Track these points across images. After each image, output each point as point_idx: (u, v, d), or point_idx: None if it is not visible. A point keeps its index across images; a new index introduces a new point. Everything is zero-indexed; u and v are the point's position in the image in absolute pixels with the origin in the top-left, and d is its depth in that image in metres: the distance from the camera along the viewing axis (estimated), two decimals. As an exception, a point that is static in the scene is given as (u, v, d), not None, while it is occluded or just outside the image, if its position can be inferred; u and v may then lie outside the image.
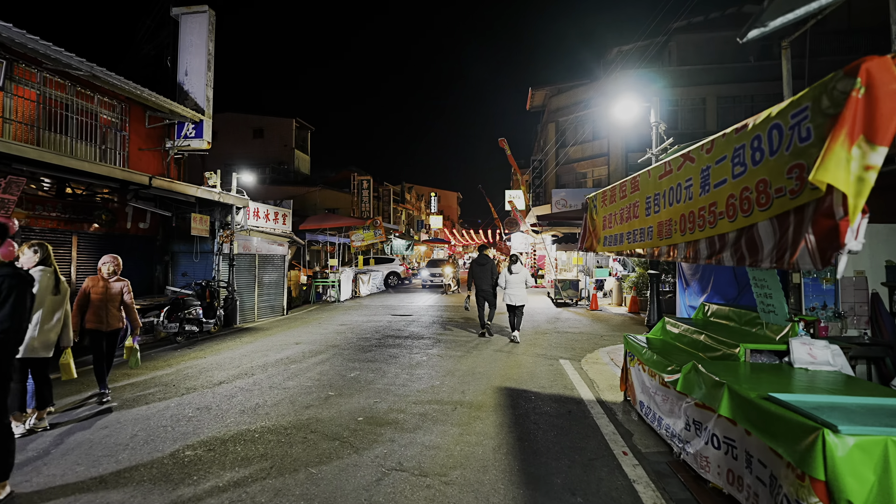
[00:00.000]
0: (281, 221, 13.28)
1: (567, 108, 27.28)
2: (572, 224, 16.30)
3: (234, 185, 11.24)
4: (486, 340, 8.97)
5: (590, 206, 5.57)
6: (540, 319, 11.94)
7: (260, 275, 12.52)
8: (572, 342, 9.01)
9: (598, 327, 10.80)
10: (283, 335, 9.42)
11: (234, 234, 10.97)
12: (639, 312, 13.06)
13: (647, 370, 4.65)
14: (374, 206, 33.77)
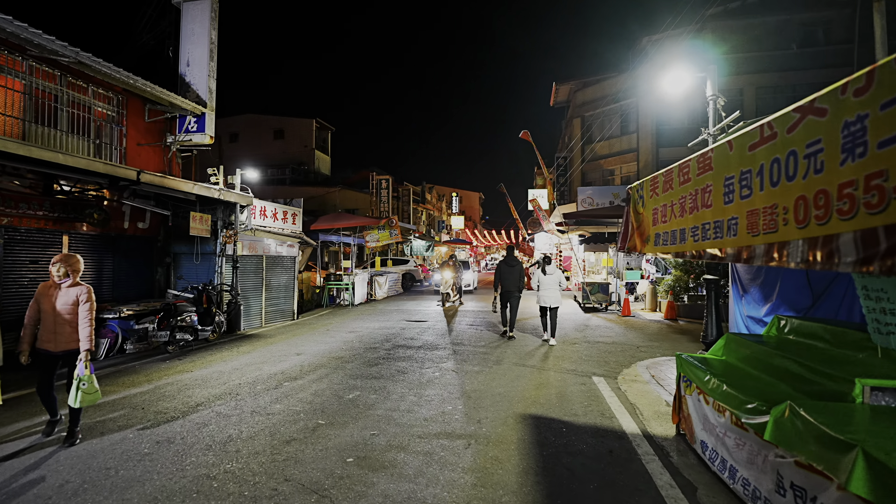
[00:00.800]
0: (290, 221, 12.58)
1: (593, 102, 26.05)
2: (601, 223, 15.19)
3: (238, 182, 10.56)
4: (506, 349, 8.03)
5: (633, 198, 4.59)
6: (567, 326, 10.91)
7: (268, 277, 11.83)
8: (605, 354, 7.98)
9: (633, 336, 9.72)
10: (286, 344, 8.65)
11: (237, 235, 10.28)
12: (676, 319, 11.89)
13: (711, 403, 3.66)
14: (393, 206, 33.09)
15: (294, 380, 6.03)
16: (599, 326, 10.90)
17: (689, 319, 11.91)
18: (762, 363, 3.76)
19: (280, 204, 12.44)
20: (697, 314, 12.03)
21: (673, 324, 11.39)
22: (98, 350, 7.65)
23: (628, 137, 24.79)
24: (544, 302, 8.91)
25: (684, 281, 12.34)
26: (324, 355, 7.54)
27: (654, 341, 9.23)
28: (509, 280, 9.29)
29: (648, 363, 7.48)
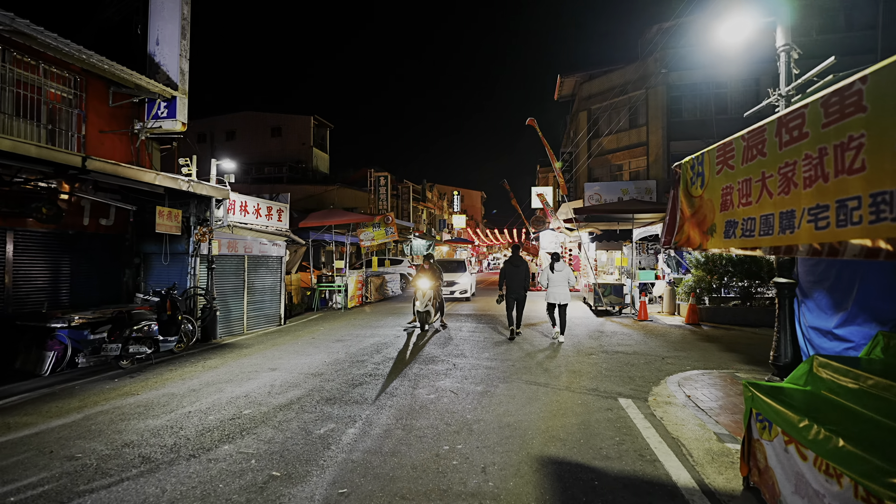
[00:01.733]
0: (276, 217, 11.52)
1: (600, 94, 24.93)
2: (612, 219, 14.09)
3: (214, 174, 9.51)
4: (515, 362, 6.96)
5: (684, 177, 3.52)
6: (580, 333, 9.83)
7: (250, 279, 10.79)
8: (627, 367, 6.91)
9: (655, 345, 8.64)
10: (262, 356, 7.59)
11: (213, 232, 9.24)
12: (699, 324, 10.79)
13: (813, 460, 2.59)
14: (392, 204, 32.04)
15: (258, 406, 4.97)
16: (616, 333, 9.81)
17: (713, 324, 10.81)
18: (883, 403, 2.68)
19: (265, 199, 11.39)
20: (722, 318, 10.95)
21: (696, 329, 10.30)
22: (42, 364, 6.62)
23: (637, 131, 23.66)
24: (553, 299, 8.98)
25: (707, 282, 11.25)
26: (301, 371, 6.47)
27: (679, 350, 8.15)
28: (514, 280, 9.24)
29: (679, 379, 6.41)
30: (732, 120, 21.55)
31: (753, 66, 21.39)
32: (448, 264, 17.57)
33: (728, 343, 8.83)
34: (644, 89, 22.84)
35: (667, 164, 22.33)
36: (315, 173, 38.46)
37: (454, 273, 16.50)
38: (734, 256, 11.21)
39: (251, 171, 38.10)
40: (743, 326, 10.56)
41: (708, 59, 21.86)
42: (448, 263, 17.69)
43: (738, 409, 5.11)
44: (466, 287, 16.36)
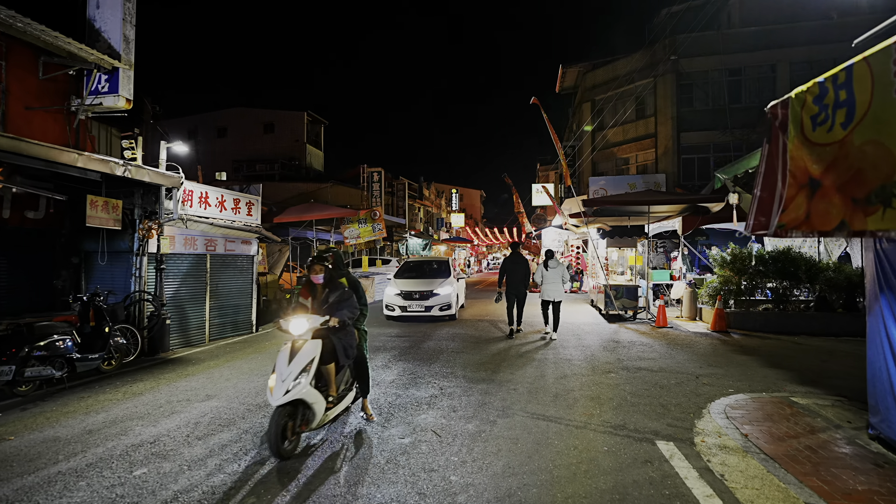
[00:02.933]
0: (245, 211, 10.16)
1: (605, 84, 23.57)
2: (623, 213, 12.72)
3: (164, 158, 8.15)
4: (516, 384, 5.60)
5: (794, 118, 2.23)
6: (592, 343, 8.47)
7: (214, 282, 9.43)
8: (656, 390, 5.55)
9: (682, 358, 7.28)
10: (208, 376, 6.23)
11: (162, 227, 7.88)
12: (727, 331, 9.43)
13: None
14: (386, 202, 30.72)
15: (161, 460, 3.60)
16: (633, 343, 8.44)
17: (743, 332, 9.45)
18: None
19: (232, 191, 10.03)
20: (752, 325, 9.58)
21: (725, 338, 8.93)
22: (-77, 391, 5.25)
23: (645, 122, 22.31)
24: (547, 296, 9.08)
25: (735, 283, 9.88)
26: (245, 400, 5.11)
27: (713, 366, 6.79)
28: (515, 277, 9.25)
29: (725, 406, 5.06)
30: (748, 109, 20.21)
31: (770, 52, 20.04)
32: (420, 268, 12.43)
33: (767, 356, 7.47)
34: (652, 78, 21.49)
35: (677, 157, 21.00)
36: (309, 171, 37.19)
37: (430, 280, 11.33)
38: (766, 254, 9.85)
39: (242, 169, 36.84)
40: (778, 334, 9.19)
41: (721, 45, 20.53)
42: (420, 266, 12.53)
43: (820, 456, 3.76)
44: (450, 300, 10.87)
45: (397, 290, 10.93)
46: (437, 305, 10.68)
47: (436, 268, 12.34)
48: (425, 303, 10.66)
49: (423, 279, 11.43)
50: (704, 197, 10.01)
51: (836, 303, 9.53)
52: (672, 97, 21.13)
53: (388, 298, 11.03)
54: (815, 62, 19.69)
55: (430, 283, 11.12)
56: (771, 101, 4.24)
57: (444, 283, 11.08)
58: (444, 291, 10.88)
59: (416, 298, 10.68)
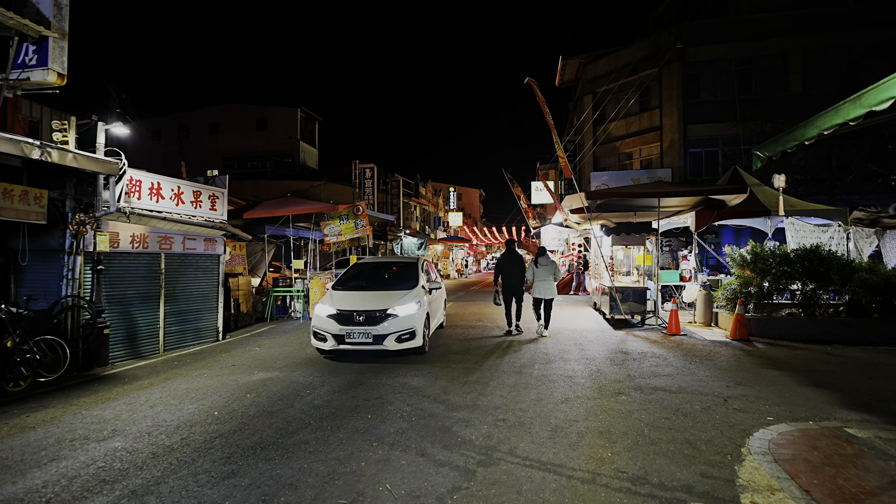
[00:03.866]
0: (206, 205, 9.07)
1: (607, 75, 22.45)
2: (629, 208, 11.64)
3: (102, 142, 7.07)
4: (506, 410, 4.53)
5: None
6: (597, 355, 7.39)
7: (170, 284, 8.37)
8: (680, 420, 4.48)
9: (704, 374, 6.20)
10: (130, 401, 5.15)
11: (98, 221, 6.81)
12: (749, 339, 8.35)
13: None
14: (380, 199, 29.65)
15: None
16: (645, 354, 7.36)
17: (767, 340, 8.36)
18: None
19: (191, 182, 8.95)
20: (777, 332, 8.51)
21: (748, 348, 7.85)
22: None
23: (649, 114, 21.22)
24: (538, 294, 9.00)
25: (756, 285, 8.80)
26: (155, 439, 4.02)
27: (742, 385, 5.71)
28: (511, 275, 9.15)
29: (769, 444, 4.00)
30: (758, 100, 19.12)
31: (781, 40, 18.96)
32: (375, 273, 8.85)
33: (802, 371, 6.39)
34: (657, 68, 20.39)
35: (683, 151, 19.91)
36: (303, 168, 36.22)
37: (385, 293, 7.61)
38: (791, 252, 8.78)
39: (234, 166, 35.86)
40: (807, 343, 8.11)
41: (729, 32, 19.45)
42: (376, 271, 8.95)
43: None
44: (413, 325, 7.06)
45: (332, 308, 7.10)
46: (393, 333, 6.82)
47: (397, 273, 8.65)
48: (374, 329, 6.80)
49: (374, 291, 7.80)
50: (723, 188, 8.93)
51: (871, 307, 8.46)
52: (678, 88, 20.04)
53: (318, 321, 7.14)
54: (829, 50, 18.63)
55: (385, 297, 7.35)
56: (782, 92, 3.28)
57: (405, 298, 7.25)
58: (406, 310, 7.03)
59: (359, 322, 6.86)
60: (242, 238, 10.42)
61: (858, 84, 4.25)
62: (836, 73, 18.16)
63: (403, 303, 7.15)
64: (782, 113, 17.68)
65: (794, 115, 16.43)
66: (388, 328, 6.85)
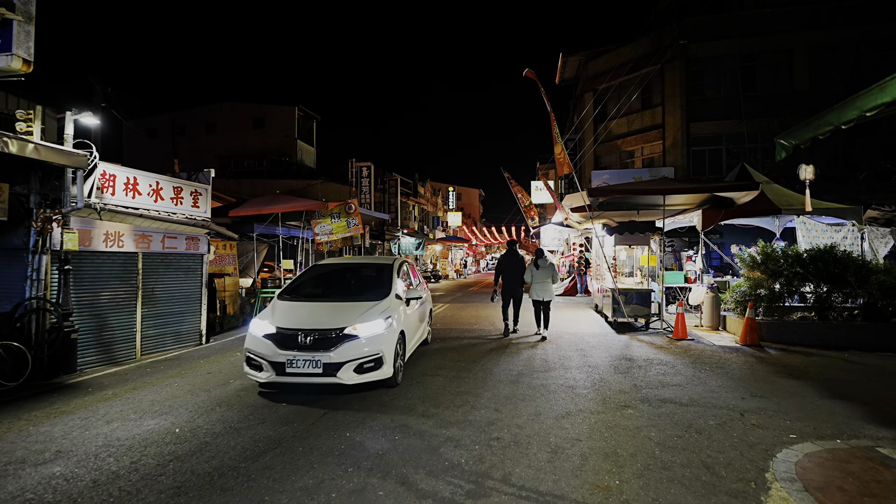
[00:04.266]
0: (188, 202, 8.62)
1: (608, 72, 21.99)
2: (632, 206, 11.19)
3: (70, 132, 6.61)
4: (496, 444, 4.07)
5: None
6: (600, 362, 6.93)
7: (148, 285, 7.92)
8: (694, 438, 4.03)
9: (716, 384, 5.74)
10: (83, 417, 4.69)
11: (66, 217, 6.35)
12: (760, 345, 7.89)
13: None
14: (377, 198, 29.20)
15: None
16: (651, 361, 6.90)
17: (779, 345, 7.90)
18: None
19: (171, 178, 8.48)
20: (789, 337, 8.05)
21: (761, 354, 7.39)
22: None
23: (651, 112, 20.78)
24: (536, 296, 8.87)
25: (767, 287, 8.35)
26: (104, 462, 3.57)
27: (759, 397, 5.25)
28: (511, 275, 9.02)
29: (797, 468, 3.57)
30: (763, 97, 18.67)
31: (786, 36, 18.50)
32: (337, 279, 7.02)
33: (821, 380, 5.94)
34: (659, 64, 19.94)
35: (686, 149, 19.45)
36: (300, 167, 35.85)
37: (343, 305, 5.72)
38: (804, 253, 8.33)
39: (230, 165, 35.48)
40: (822, 349, 7.65)
41: (733, 28, 19.00)
42: (339, 276, 7.10)
43: None
44: (378, 349, 5.21)
45: (270, 325, 5.28)
46: (351, 361, 5.01)
47: (366, 278, 6.79)
48: (326, 355, 4.98)
49: (332, 301, 5.96)
50: (733, 185, 8.48)
51: (888, 311, 8.00)
52: (680, 85, 19.60)
53: (253, 342, 5.28)
54: (835, 46, 18.17)
55: (344, 310, 5.46)
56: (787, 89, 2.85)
57: (370, 312, 5.41)
58: (370, 329, 5.23)
59: (305, 346, 5.05)
60: (228, 237, 9.97)
61: (867, 81, 3.87)
62: (843, 70, 17.69)
63: (368, 318, 5.27)
64: (788, 110, 17.26)
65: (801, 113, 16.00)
66: (344, 354, 4.95)
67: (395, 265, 6.82)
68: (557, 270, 9.06)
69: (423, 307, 7.67)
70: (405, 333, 5.99)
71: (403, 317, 6.05)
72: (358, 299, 5.90)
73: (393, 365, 5.37)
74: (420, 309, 7.27)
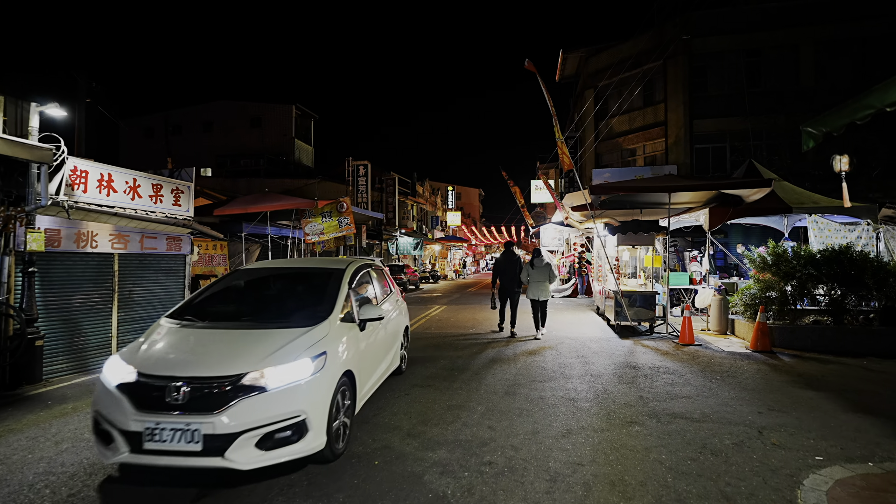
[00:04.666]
0: (169, 200, 8.19)
1: (609, 69, 21.57)
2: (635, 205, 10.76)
3: (35, 125, 6.19)
4: (498, 446, 3.65)
5: None
6: (603, 370, 6.50)
7: (125, 288, 7.49)
8: (710, 462, 3.60)
9: (729, 396, 5.31)
10: (32, 436, 4.27)
11: (29, 215, 5.92)
12: (772, 351, 7.45)
13: None
14: (375, 198, 28.78)
15: None
16: (657, 370, 6.47)
17: (792, 351, 7.46)
18: None
19: (149, 175, 8.05)
20: (802, 342, 7.62)
21: (774, 361, 6.96)
22: None
23: (653, 109, 20.34)
24: (533, 295, 8.85)
25: (778, 289, 7.92)
26: (37, 495, 3.13)
27: (776, 410, 4.82)
28: (508, 277, 8.96)
29: (830, 499, 3.17)
30: (768, 94, 18.22)
31: (792, 31, 18.05)
32: (259, 292, 5.11)
33: (841, 391, 5.51)
34: (661, 60, 19.50)
35: (689, 147, 19.00)
36: (298, 166, 35.50)
37: (253, 331, 3.84)
38: (817, 254, 7.90)
39: (226, 164, 35.13)
40: (838, 355, 7.22)
41: (738, 23, 18.55)
42: (263, 286, 5.22)
43: None
44: (301, 407, 3.26)
45: (130, 369, 3.33)
46: (250, 430, 3.10)
47: (300, 293, 4.85)
48: (206, 422, 3.04)
49: (238, 329, 3.98)
50: (743, 181, 8.05)
51: (907, 315, 7.57)
52: (683, 81, 19.17)
53: (102, 398, 3.28)
54: (842, 42, 17.72)
55: (247, 344, 3.61)
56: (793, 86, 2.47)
57: (287, 349, 3.53)
58: (283, 377, 3.33)
59: (177, 406, 3.10)
60: (213, 236, 9.54)
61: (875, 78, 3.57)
62: (850, 66, 17.26)
63: (284, 358, 3.40)
64: (793, 107, 16.83)
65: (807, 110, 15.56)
66: (241, 417, 3.08)
67: (346, 273, 4.73)
68: (556, 271, 8.87)
69: (392, 327, 5.62)
70: (355, 375, 4.01)
71: (353, 350, 4.08)
72: (279, 324, 3.87)
73: (326, 429, 3.39)
74: (386, 332, 5.27)
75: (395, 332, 5.77)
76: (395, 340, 5.75)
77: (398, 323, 6.00)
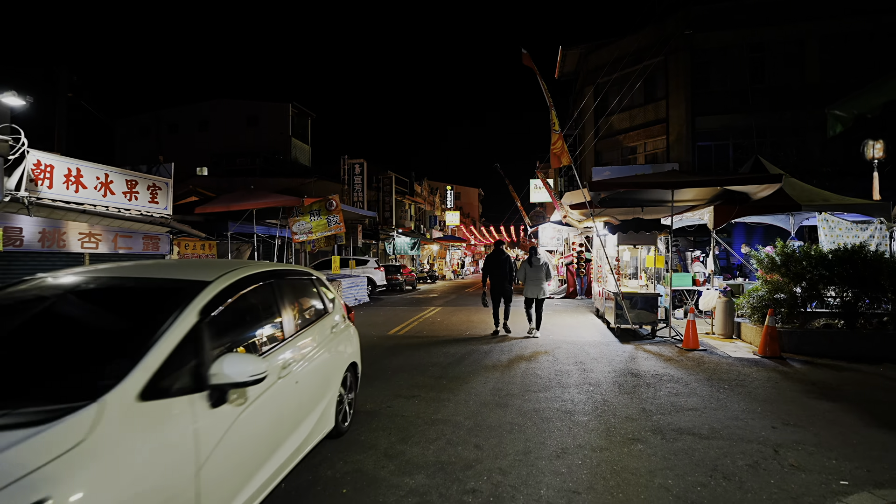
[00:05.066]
0: (145, 197, 7.76)
1: (609, 65, 21.10)
2: (636, 203, 10.34)
3: (-9, 117, 5.77)
4: (479, 478, 3.23)
5: None
6: (602, 378, 6.08)
7: (96, 289, 7.02)
8: (723, 488, 3.19)
9: (739, 408, 4.89)
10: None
11: (-14, 213, 5.50)
12: (782, 356, 7.03)
13: None
14: (371, 197, 28.38)
15: None
16: (661, 378, 6.05)
17: (803, 357, 7.04)
18: None
19: (123, 171, 7.62)
20: (813, 347, 7.19)
21: (783, 367, 6.54)
22: None
23: (654, 106, 19.91)
24: (530, 294, 8.82)
25: (787, 291, 7.50)
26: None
27: (791, 425, 4.40)
28: (498, 274, 8.85)
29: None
30: (772, 90, 17.79)
31: (797, 25, 17.61)
32: None
33: (859, 402, 5.09)
34: (663, 56, 19.08)
35: (691, 144, 18.57)
36: (295, 165, 35.07)
37: None
38: (828, 254, 7.47)
39: (222, 163, 34.73)
40: (851, 361, 6.79)
41: (741, 17, 18.12)
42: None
43: None
44: None
45: None
46: None
47: (80, 332, 2.39)
48: None
49: None
50: (751, 177, 7.62)
51: (923, 318, 7.16)
52: (685, 77, 18.74)
53: None
54: (849, 36, 17.28)
55: None
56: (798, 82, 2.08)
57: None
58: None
59: None
60: (194, 235, 9.12)
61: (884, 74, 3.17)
62: (856, 61, 16.81)
63: None
64: (798, 104, 16.42)
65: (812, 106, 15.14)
66: None
67: (204, 292, 2.52)
68: (554, 269, 8.63)
69: (313, 377, 3.43)
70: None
71: (167, 464, 1.96)
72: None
73: None
74: (300, 385, 3.16)
75: (321, 381, 3.61)
76: (322, 393, 3.58)
77: (331, 366, 3.84)
